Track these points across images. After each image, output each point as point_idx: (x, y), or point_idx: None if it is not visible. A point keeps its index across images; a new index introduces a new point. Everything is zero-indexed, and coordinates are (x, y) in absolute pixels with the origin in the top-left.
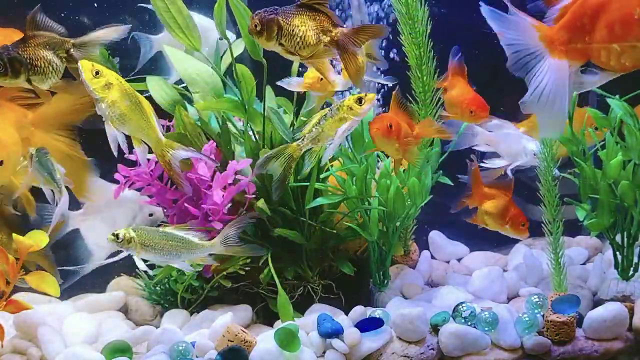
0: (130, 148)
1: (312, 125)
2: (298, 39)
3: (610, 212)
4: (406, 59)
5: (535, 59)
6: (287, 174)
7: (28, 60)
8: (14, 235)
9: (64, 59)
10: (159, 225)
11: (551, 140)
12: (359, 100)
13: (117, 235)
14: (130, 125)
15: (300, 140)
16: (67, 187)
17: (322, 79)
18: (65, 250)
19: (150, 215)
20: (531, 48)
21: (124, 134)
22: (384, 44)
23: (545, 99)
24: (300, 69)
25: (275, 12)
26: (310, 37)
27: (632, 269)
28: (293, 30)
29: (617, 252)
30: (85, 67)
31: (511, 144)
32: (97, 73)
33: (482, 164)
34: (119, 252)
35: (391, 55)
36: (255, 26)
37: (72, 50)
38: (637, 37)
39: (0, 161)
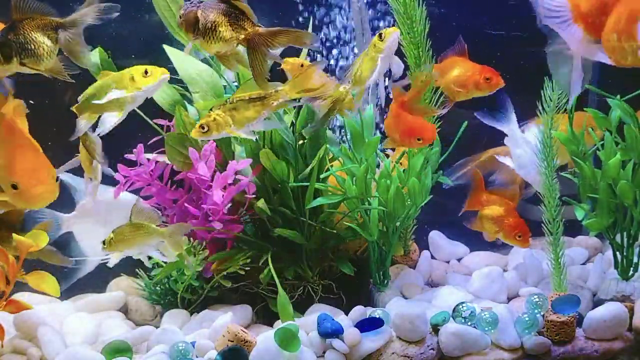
0: None
1: (355, 67)
2: (212, 34)
3: (610, 212)
4: (405, 58)
5: (559, 19)
6: (330, 115)
7: (18, 45)
8: (14, 235)
9: (55, 40)
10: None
11: (552, 142)
12: (380, 36)
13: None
14: None
15: (345, 82)
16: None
17: (302, 65)
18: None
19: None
20: (559, 9)
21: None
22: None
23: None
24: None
25: (197, 5)
26: (223, 32)
27: (632, 269)
28: (207, 25)
29: (617, 252)
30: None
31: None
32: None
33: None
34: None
35: None
36: (180, 17)
37: (59, 30)
38: (629, 37)
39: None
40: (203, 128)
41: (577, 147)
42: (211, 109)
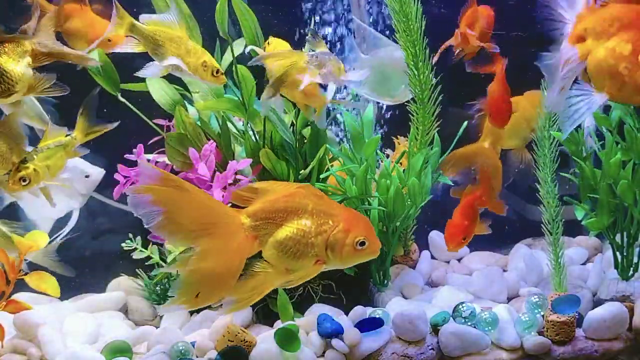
0: None
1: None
2: None
3: (610, 212)
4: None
5: (560, 30)
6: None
7: None
8: (14, 235)
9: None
10: None
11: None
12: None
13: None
14: None
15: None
16: None
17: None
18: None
19: (87, 176)
20: (563, 19)
21: None
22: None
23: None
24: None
25: None
26: None
27: (631, 269)
28: None
29: (617, 252)
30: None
31: None
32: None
33: None
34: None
35: None
36: None
37: (36, 47)
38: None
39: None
40: (24, 180)
41: (576, 147)
42: (24, 161)
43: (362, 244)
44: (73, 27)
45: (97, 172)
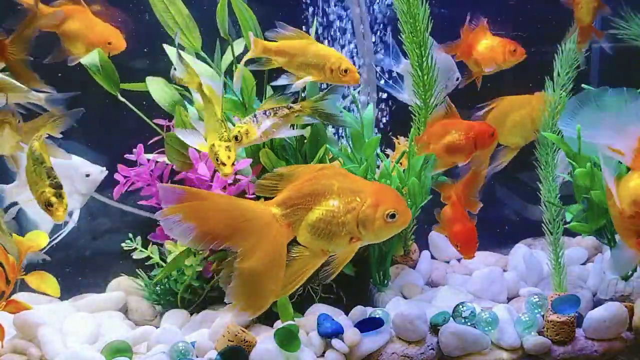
0: None
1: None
2: None
3: (600, 215)
4: (407, 58)
5: None
6: None
7: None
8: (14, 235)
9: None
10: None
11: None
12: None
13: None
14: None
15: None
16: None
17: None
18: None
19: (87, 175)
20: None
21: None
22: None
23: None
24: None
25: None
26: None
27: None
28: None
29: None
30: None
31: None
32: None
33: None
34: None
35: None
36: None
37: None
38: None
39: None
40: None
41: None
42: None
43: (393, 216)
44: (71, 29)
45: (98, 172)
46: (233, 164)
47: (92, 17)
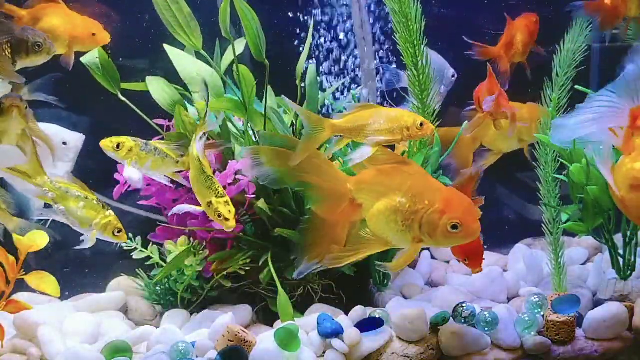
0: None
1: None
2: None
3: (595, 214)
4: (401, 57)
5: None
6: None
7: None
8: (14, 235)
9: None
10: None
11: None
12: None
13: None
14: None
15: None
16: None
17: None
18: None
19: (64, 144)
20: None
21: None
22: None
23: None
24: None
25: None
26: None
27: (628, 268)
28: None
29: (613, 252)
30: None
31: None
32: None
33: None
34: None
35: None
36: None
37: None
38: None
39: None
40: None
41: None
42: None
43: (455, 227)
44: (47, 27)
45: (76, 138)
46: (235, 217)
47: (70, 12)
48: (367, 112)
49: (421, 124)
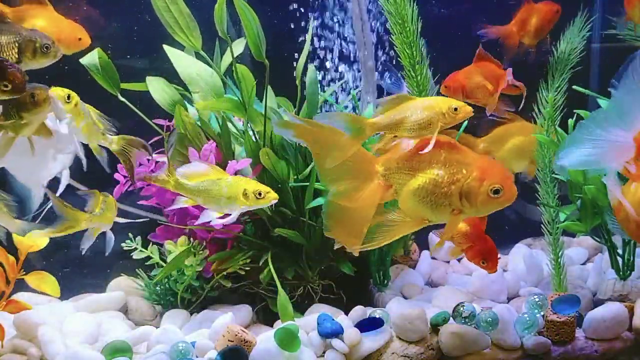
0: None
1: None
2: None
3: (593, 214)
4: (399, 59)
5: None
6: None
7: None
8: (14, 235)
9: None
10: None
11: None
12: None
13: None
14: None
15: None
16: None
17: None
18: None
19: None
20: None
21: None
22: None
23: None
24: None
25: None
26: None
27: (627, 268)
28: None
29: (612, 252)
30: (58, 95)
31: None
32: (68, 97)
33: None
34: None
35: None
36: None
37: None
38: None
39: None
40: None
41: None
42: None
43: (497, 191)
44: (31, 28)
45: (63, 126)
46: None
47: (57, 15)
48: (402, 105)
49: (455, 109)
